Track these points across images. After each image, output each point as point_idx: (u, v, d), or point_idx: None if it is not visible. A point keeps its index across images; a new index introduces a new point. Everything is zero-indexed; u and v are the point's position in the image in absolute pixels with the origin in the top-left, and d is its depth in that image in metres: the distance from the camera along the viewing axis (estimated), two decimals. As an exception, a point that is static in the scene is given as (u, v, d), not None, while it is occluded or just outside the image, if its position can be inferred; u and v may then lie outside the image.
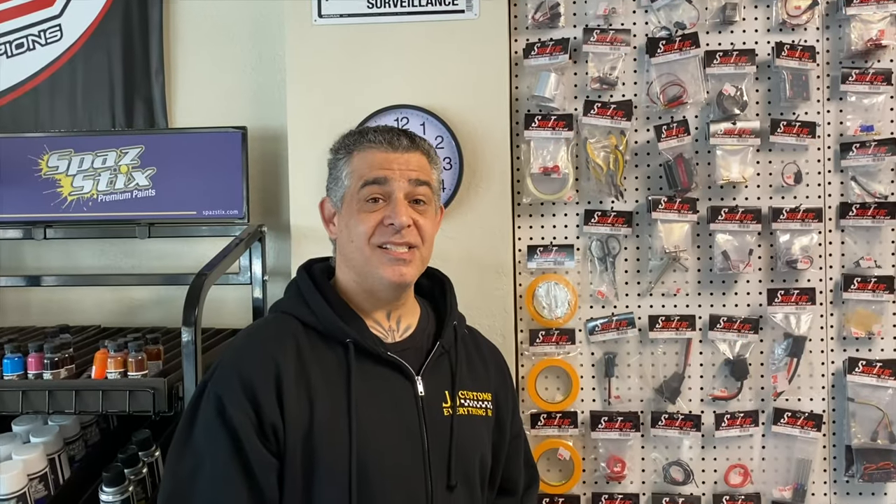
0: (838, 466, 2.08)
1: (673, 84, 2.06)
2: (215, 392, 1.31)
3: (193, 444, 1.31)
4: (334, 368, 1.36)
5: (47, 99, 2.36)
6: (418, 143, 1.45)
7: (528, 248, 2.12)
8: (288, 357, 1.34)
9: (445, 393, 1.43)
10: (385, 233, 1.38)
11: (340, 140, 1.49)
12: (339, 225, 1.45)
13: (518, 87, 2.13)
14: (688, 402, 2.10)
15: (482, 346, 1.60)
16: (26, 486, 1.77)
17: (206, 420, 1.31)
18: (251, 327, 1.52)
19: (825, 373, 2.08)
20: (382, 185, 1.39)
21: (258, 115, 2.30)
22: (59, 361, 1.76)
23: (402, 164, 1.41)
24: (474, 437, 1.45)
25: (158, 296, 2.35)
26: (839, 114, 2.07)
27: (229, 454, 1.27)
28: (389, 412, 1.37)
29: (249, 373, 1.31)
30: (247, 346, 1.38)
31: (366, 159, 1.41)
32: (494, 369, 1.58)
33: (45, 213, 2.24)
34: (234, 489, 1.27)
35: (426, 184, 1.43)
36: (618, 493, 2.09)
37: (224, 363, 1.36)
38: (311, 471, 1.30)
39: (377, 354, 1.39)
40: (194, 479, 1.29)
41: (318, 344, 1.38)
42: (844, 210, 2.05)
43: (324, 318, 1.39)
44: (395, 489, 1.33)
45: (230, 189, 2.18)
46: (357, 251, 1.40)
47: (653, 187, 2.11)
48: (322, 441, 1.30)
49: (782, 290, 2.05)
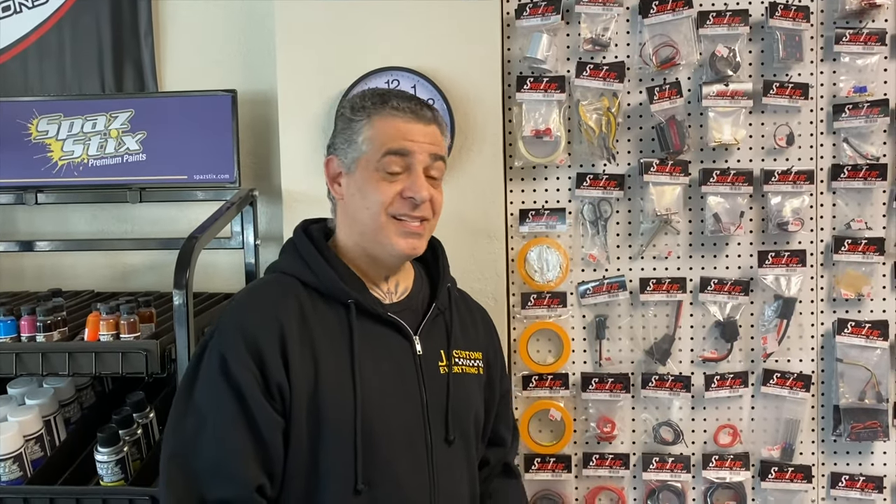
0: (826, 426, 2.11)
1: (666, 45, 2.05)
2: (218, 351, 1.31)
3: (196, 403, 1.31)
4: (336, 328, 1.37)
5: (35, 63, 2.34)
6: (436, 116, 1.45)
7: (520, 211, 2.12)
8: (291, 316, 1.34)
9: (441, 352, 1.47)
10: (403, 205, 1.39)
11: (358, 100, 1.45)
12: (350, 188, 1.43)
13: (510, 48, 2.11)
14: (678, 364, 2.12)
15: (472, 308, 1.65)
16: (22, 447, 1.79)
17: (209, 379, 1.31)
18: (251, 287, 1.50)
19: (814, 334, 2.10)
20: (405, 156, 1.39)
21: (248, 79, 2.28)
22: (51, 324, 1.76)
23: (424, 136, 1.40)
24: (469, 394, 1.50)
25: (151, 260, 2.36)
26: (832, 75, 2.06)
27: (234, 412, 1.28)
28: (390, 370, 1.40)
29: (253, 332, 1.31)
30: (249, 305, 1.38)
31: (389, 127, 1.39)
32: (484, 329, 1.63)
33: (36, 178, 2.23)
34: (239, 447, 1.28)
35: (442, 159, 1.45)
36: (608, 452, 2.12)
37: (226, 322, 1.36)
38: (317, 429, 1.32)
39: (378, 315, 1.41)
40: (197, 437, 1.29)
41: (319, 304, 1.39)
42: (836, 172, 2.05)
43: (325, 279, 1.39)
44: (397, 445, 1.37)
45: (221, 153, 2.17)
46: (371, 218, 1.39)
47: (645, 150, 2.10)
48: (328, 400, 1.32)
49: (773, 253, 2.06)
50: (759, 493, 2.11)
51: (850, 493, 2.09)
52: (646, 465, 2.11)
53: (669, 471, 2.10)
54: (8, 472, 1.78)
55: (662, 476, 2.10)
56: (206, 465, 1.28)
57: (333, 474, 1.32)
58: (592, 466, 2.12)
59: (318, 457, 1.32)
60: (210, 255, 2.17)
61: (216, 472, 1.28)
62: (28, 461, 1.81)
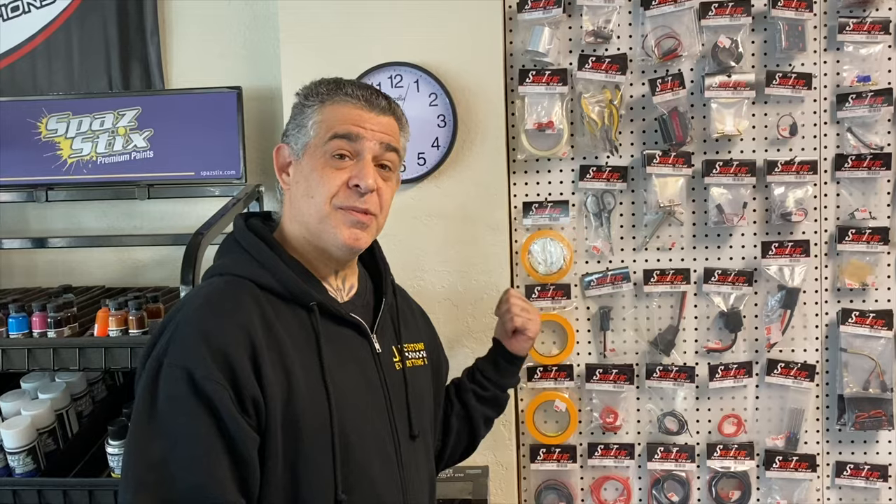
0: (830, 415, 2.11)
1: (668, 37, 2.05)
2: (181, 367, 1.18)
3: (161, 426, 1.18)
4: (299, 333, 1.30)
5: (44, 62, 2.37)
6: (394, 108, 1.39)
7: (524, 204, 2.13)
8: (256, 325, 1.24)
9: (393, 348, 1.45)
10: (349, 196, 1.32)
11: (312, 87, 1.39)
12: (296, 176, 1.36)
13: (512, 42, 2.12)
14: (682, 355, 2.13)
15: (408, 299, 1.62)
16: (35, 441, 1.84)
17: (173, 398, 1.18)
18: (204, 293, 1.30)
19: (819, 324, 2.10)
20: (352, 141, 1.32)
21: (253, 75, 2.30)
22: (62, 320, 1.80)
23: (376, 125, 1.34)
24: (422, 387, 1.50)
25: (161, 256, 2.39)
26: (836, 64, 2.06)
27: (207, 430, 1.17)
28: (354, 371, 1.36)
29: (220, 343, 1.20)
30: (209, 313, 1.24)
31: (339, 112, 1.34)
32: (421, 319, 1.62)
33: (46, 175, 2.27)
34: (219, 467, 1.17)
35: (395, 150, 1.38)
36: (613, 443, 2.14)
37: (183, 334, 1.22)
38: (294, 441, 1.25)
39: (340, 316, 1.36)
40: (169, 462, 1.16)
41: (280, 307, 1.29)
42: (840, 162, 2.05)
43: (285, 281, 1.30)
44: (370, 447, 1.34)
45: (227, 149, 2.20)
46: (314, 208, 1.32)
47: (648, 142, 2.11)
48: (303, 410, 1.25)
49: (776, 243, 2.06)
50: (763, 483, 2.12)
51: (854, 481, 2.09)
52: (650, 454, 2.12)
53: (674, 460, 2.11)
54: (22, 464, 1.82)
55: (667, 466, 2.12)
56: (183, 492, 1.15)
57: (315, 486, 1.26)
58: (597, 456, 2.13)
59: (297, 470, 1.25)
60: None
61: (196, 498, 1.16)
62: (41, 454, 1.85)
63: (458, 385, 1.73)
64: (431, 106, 2.06)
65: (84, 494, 1.79)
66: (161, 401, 1.19)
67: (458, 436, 1.69)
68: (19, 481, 1.82)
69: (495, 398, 1.75)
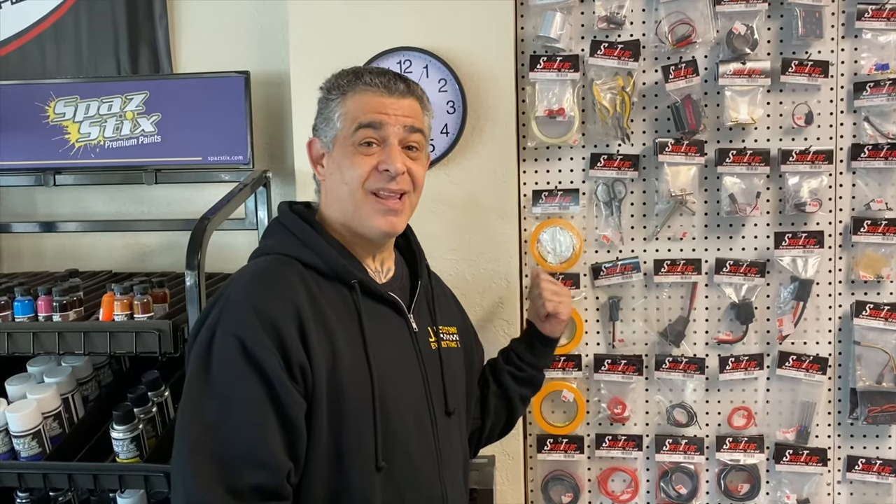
0: (842, 409, 2.09)
1: (682, 23, 2.01)
2: (234, 334, 1.25)
3: (216, 390, 1.25)
4: (342, 308, 1.37)
5: (52, 45, 2.36)
6: (413, 89, 1.44)
7: (533, 192, 2.11)
8: (302, 299, 1.31)
9: (429, 329, 1.51)
10: (380, 179, 1.39)
11: (333, 79, 1.46)
12: (330, 167, 1.43)
13: (523, 27, 2.09)
14: (692, 346, 2.10)
15: (442, 283, 1.69)
16: (41, 424, 1.83)
17: (227, 364, 1.25)
18: (255, 269, 1.38)
19: (832, 316, 2.07)
20: (377, 129, 1.39)
21: (261, 60, 2.28)
22: (67, 304, 1.79)
23: (398, 109, 1.40)
24: (456, 367, 1.56)
25: (168, 241, 2.38)
26: (853, 52, 2.02)
27: (260, 395, 1.23)
28: (394, 348, 1.42)
29: (269, 314, 1.27)
30: (259, 287, 1.32)
31: (361, 102, 1.40)
32: (454, 304, 1.69)
33: (53, 159, 2.26)
34: (270, 431, 1.23)
35: (420, 131, 1.43)
36: (621, 434, 2.12)
37: (234, 305, 1.29)
38: (338, 410, 1.30)
39: (380, 294, 1.42)
40: (223, 423, 1.23)
41: (324, 285, 1.37)
42: (856, 151, 2.01)
43: (329, 260, 1.38)
44: (408, 420, 1.39)
45: (234, 134, 2.18)
46: (349, 195, 1.40)
47: (660, 130, 2.08)
48: (347, 380, 1.31)
49: (790, 234, 2.03)
50: (773, 476, 2.10)
51: (866, 476, 2.07)
52: (659, 446, 2.10)
53: (683, 453, 2.09)
54: (27, 448, 1.82)
55: (675, 458, 2.10)
56: (237, 451, 1.22)
57: (355, 454, 1.32)
58: (605, 447, 2.12)
59: (340, 438, 1.31)
60: (225, 236, 2.18)
61: (247, 458, 1.22)
62: (47, 438, 1.85)
63: (494, 366, 1.78)
64: (441, 92, 2.03)
65: (89, 478, 1.79)
66: (215, 366, 1.26)
67: (496, 414, 1.74)
68: (24, 465, 1.82)
69: (532, 378, 1.79)
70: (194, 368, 1.28)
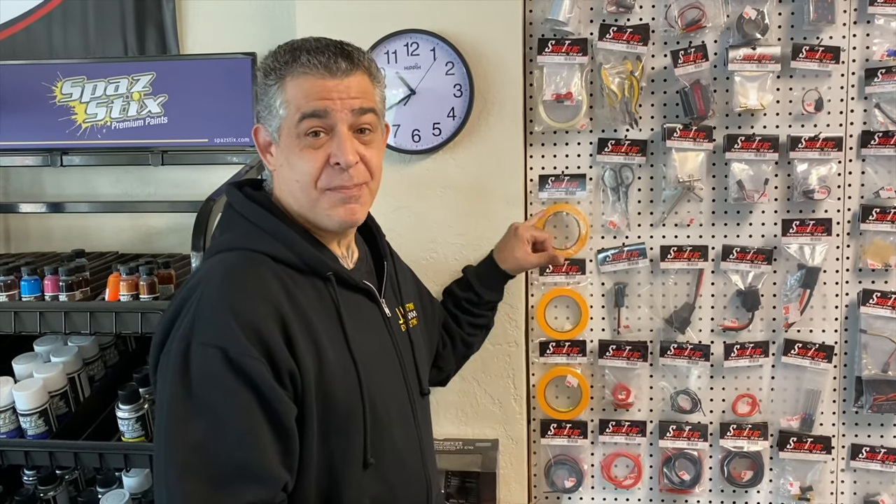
0: (847, 397, 2.08)
1: (692, 7, 1.99)
2: (214, 345, 1.16)
3: (200, 405, 1.15)
4: (320, 304, 1.30)
5: (60, 25, 2.36)
6: (357, 62, 1.31)
7: (540, 177, 2.10)
8: (281, 298, 1.23)
9: (397, 310, 1.49)
10: (332, 175, 1.29)
11: (269, 60, 1.33)
12: (279, 157, 1.33)
13: (532, 10, 2.07)
14: (697, 333, 2.10)
15: (397, 256, 1.64)
16: (47, 403, 1.85)
17: (209, 375, 1.16)
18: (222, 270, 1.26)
19: (839, 304, 2.06)
20: (322, 118, 1.27)
21: (269, 41, 2.23)
22: (73, 284, 1.80)
23: (343, 91, 1.28)
24: (422, 345, 1.56)
25: (174, 223, 2.38)
26: (865, 38, 1.99)
27: (252, 408, 1.16)
28: (372, 338, 1.39)
29: (250, 319, 1.18)
30: (234, 291, 1.22)
31: (301, 88, 1.27)
32: (410, 275, 1.68)
33: (60, 140, 2.27)
34: (265, 444, 1.16)
35: (371, 110, 1.32)
36: (625, 420, 2.12)
37: (208, 312, 1.19)
38: (328, 410, 1.26)
39: (354, 284, 1.37)
40: (213, 442, 1.14)
41: (299, 280, 1.29)
42: (866, 139, 1.99)
43: (301, 253, 1.30)
44: (392, 409, 1.38)
45: (241, 116, 2.18)
46: (302, 192, 1.31)
47: (668, 115, 2.06)
48: (335, 380, 1.27)
49: (798, 221, 2.02)
50: (776, 463, 2.10)
51: (870, 464, 2.06)
52: (662, 432, 2.10)
53: (686, 439, 2.09)
54: (34, 426, 1.84)
55: (679, 444, 2.10)
56: (231, 469, 1.14)
57: (346, 454, 1.29)
58: (609, 433, 2.12)
59: (330, 440, 1.27)
60: (231, 218, 2.19)
61: (243, 474, 1.15)
62: (53, 416, 1.86)
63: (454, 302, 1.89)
64: (448, 75, 2.03)
65: (95, 457, 1.81)
66: (196, 381, 1.16)
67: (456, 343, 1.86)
68: (31, 443, 1.84)
69: (487, 325, 1.95)
70: (171, 385, 1.17)
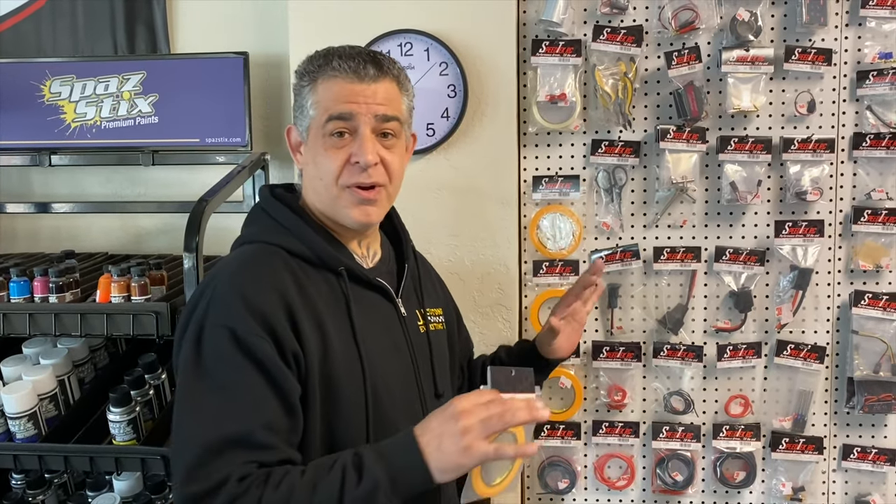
0: (839, 398, 2.09)
1: (685, 8, 2.00)
2: (224, 326, 1.23)
3: (213, 382, 1.21)
4: (330, 296, 1.35)
5: (49, 24, 2.33)
6: (386, 70, 1.37)
7: (534, 178, 2.09)
8: (289, 287, 1.29)
9: (416, 312, 1.51)
10: (352, 173, 1.34)
11: (305, 63, 1.40)
12: (306, 156, 1.40)
13: (526, 11, 2.07)
14: (690, 334, 2.10)
15: (427, 264, 1.68)
16: (37, 406, 1.82)
17: (219, 355, 1.22)
18: (238, 260, 1.34)
19: (830, 305, 2.07)
20: (347, 120, 1.33)
21: (260, 41, 2.26)
22: (63, 285, 1.78)
23: (369, 96, 1.34)
24: (444, 349, 1.57)
25: (165, 223, 2.36)
26: (857, 40, 2.00)
27: (255, 382, 1.21)
28: (383, 334, 1.41)
29: (258, 304, 1.24)
30: (246, 277, 1.28)
31: (330, 90, 1.34)
32: (439, 285, 1.68)
33: (49, 139, 2.24)
34: (268, 416, 1.21)
35: (395, 118, 1.37)
36: (618, 421, 2.12)
37: (221, 297, 1.26)
38: (330, 397, 1.29)
39: (367, 280, 1.41)
40: (229, 410, 1.19)
41: (311, 273, 1.34)
42: (858, 140, 2.01)
43: (315, 247, 1.35)
44: (399, 404, 1.39)
45: (232, 116, 2.16)
46: (325, 189, 1.36)
47: (662, 116, 2.07)
48: (338, 368, 1.30)
49: (790, 222, 2.03)
50: (769, 464, 2.10)
51: (861, 465, 2.07)
52: (656, 433, 2.10)
53: (679, 440, 2.10)
54: (23, 429, 1.81)
55: (672, 445, 2.10)
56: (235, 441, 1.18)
57: (349, 441, 1.31)
58: (602, 434, 2.12)
59: (332, 425, 1.30)
60: (222, 219, 2.15)
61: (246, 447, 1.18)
62: (42, 419, 1.84)
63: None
64: (441, 76, 2.02)
65: (85, 461, 1.78)
66: (207, 359, 1.23)
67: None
68: (20, 446, 1.81)
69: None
70: (186, 365, 1.25)
